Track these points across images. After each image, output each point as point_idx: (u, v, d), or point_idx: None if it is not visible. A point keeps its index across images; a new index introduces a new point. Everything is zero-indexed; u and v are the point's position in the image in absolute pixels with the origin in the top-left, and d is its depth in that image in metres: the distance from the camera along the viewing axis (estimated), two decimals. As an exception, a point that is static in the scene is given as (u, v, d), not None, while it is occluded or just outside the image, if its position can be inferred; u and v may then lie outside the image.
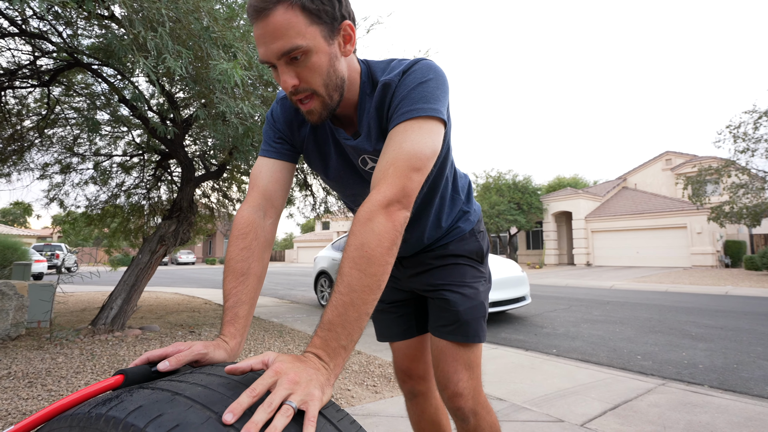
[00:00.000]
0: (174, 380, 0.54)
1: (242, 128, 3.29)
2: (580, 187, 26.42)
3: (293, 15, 0.68)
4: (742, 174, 14.36)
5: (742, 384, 3.03)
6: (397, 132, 0.74)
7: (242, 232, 0.80)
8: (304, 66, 0.72)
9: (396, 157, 0.70)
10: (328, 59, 0.73)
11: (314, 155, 0.95)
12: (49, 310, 4.49)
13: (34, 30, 3.85)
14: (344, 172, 0.95)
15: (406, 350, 1.19)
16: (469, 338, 1.02)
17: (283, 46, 0.69)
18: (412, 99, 0.75)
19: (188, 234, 5.01)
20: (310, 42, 0.70)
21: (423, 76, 0.77)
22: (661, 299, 8.24)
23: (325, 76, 0.74)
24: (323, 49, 0.72)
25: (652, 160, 24.65)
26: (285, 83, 0.72)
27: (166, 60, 2.32)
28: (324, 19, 0.71)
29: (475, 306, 1.03)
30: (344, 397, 2.55)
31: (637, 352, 4.03)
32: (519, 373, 3.11)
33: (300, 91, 0.74)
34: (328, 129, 0.91)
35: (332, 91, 0.76)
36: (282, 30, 0.68)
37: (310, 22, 0.69)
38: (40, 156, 5.83)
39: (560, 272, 16.45)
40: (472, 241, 1.11)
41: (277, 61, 0.71)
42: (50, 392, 2.49)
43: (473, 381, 1.01)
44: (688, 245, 18.54)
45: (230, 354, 0.70)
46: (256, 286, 0.78)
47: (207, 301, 7.62)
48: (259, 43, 0.71)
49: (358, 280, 0.60)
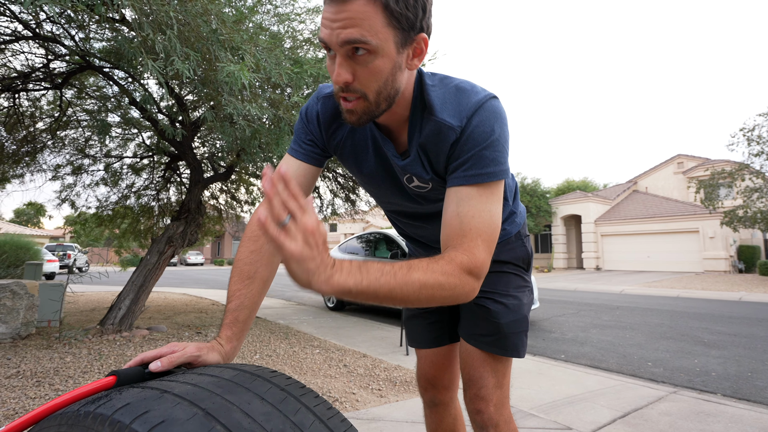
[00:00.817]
0: (165, 380, 0.54)
1: (250, 130, 3.30)
2: (589, 191, 26.15)
3: (373, 9, 0.63)
4: (756, 178, 14.10)
5: (756, 393, 2.95)
6: (473, 196, 0.73)
7: (255, 235, 0.78)
8: (364, 65, 0.67)
9: (480, 229, 0.71)
10: (391, 67, 0.69)
11: (349, 158, 0.91)
12: (59, 309, 4.55)
13: (48, 33, 3.91)
14: (381, 180, 0.92)
15: (434, 358, 1.16)
16: (507, 352, 0.99)
17: (350, 35, 0.63)
18: (485, 161, 0.73)
19: (196, 235, 5.04)
20: (381, 43, 0.65)
21: (492, 129, 0.74)
22: (673, 305, 8.09)
23: (381, 83, 0.69)
24: (390, 55, 0.67)
25: (664, 163, 24.32)
26: (338, 76, 0.67)
27: (175, 62, 2.34)
28: (402, 24, 0.66)
29: (519, 320, 1.00)
30: (349, 401, 2.53)
31: (647, 358, 3.95)
32: (526, 379, 3.07)
33: (350, 89, 0.69)
34: (369, 134, 0.86)
35: (382, 100, 0.72)
36: (356, 20, 0.63)
37: (388, 23, 0.65)
38: (52, 157, 5.92)
39: (569, 276, 16.28)
40: (519, 245, 1.08)
41: (338, 48, 0.65)
42: (57, 392, 2.51)
43: (499, 390, 0.98)
44: (700, 250, 18.22)
45: (224, 357, 0.70)
46: (261, 291, 0.77)
47: (214, 302, 7.67)
48: (326, 24, 0.66)
49: (406, 292, 0.61)
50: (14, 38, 3.93)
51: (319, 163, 0.89)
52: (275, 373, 0.59)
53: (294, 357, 3.61)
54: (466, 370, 1.01)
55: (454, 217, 0.72)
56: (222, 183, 6.69)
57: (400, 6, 0.64)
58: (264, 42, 3.25)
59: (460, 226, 0.71)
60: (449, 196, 0.75)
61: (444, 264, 0.65)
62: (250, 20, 3.41)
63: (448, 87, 0.79)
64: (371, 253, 6.75)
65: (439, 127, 0.77)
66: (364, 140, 0.88)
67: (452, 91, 0.78)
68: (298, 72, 3.40)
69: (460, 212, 0.72)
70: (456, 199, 0.74)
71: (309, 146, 0.88)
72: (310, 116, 0.89)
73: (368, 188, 0.99)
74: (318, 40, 0.73)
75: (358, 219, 6.96)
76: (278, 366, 3.31)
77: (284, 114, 3.39)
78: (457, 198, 0.74)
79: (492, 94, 0.77)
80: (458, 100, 0.77)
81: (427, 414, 1.21)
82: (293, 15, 4.16)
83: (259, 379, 0.55)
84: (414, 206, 0.95)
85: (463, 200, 0.73)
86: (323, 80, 4.07)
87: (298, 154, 0.88)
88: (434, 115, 0.77)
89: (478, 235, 0.70)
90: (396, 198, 0.95)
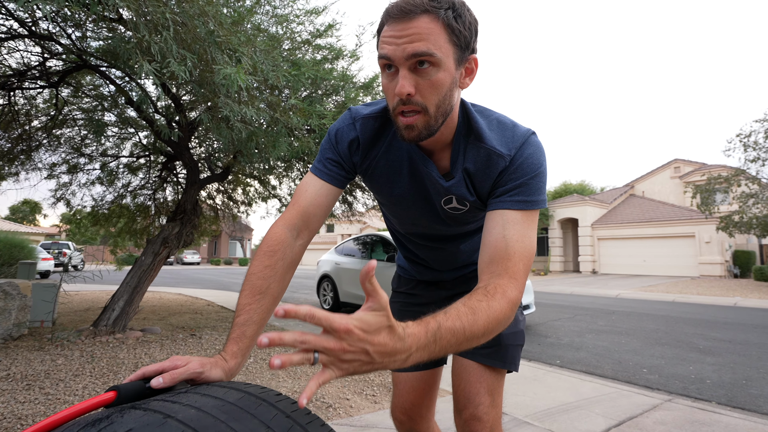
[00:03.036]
0: (168, 400, 0.53)
1: (246, 132, 3.28)
2: (586, 194, 26.21)
3: (437, 26, 0.69)
4: (752, 183, 14.17)
5: (751, 401, 2.95)
6: (518, 221, 0.78)
7: (271, 249, 0.79)
8: (427, 78, 0.71)
9: (523, 253, 0.75)
10: (450, 81, 0.73)
11: (381, 178, 0.92)
12: (52, 310, 4.51)
13: (44, 31, 3.88)
14: (412, 201, 0.94)
15: (415, 383, 1.14)
16: (505, 364, 1.00)
17: (418, 48, 0.68)
18: (530, 189, 0.79)
19: (192, 236, 5.01)
20: (444, 57, 0.70)
21: (539, 163, 0.81)
22: (668, 309, 8.11)
23: (441, 96, 0.73)
24: (450, 70, 0.72)
25: (661, 167, 24.41)
26: (402, 87, 0.70)
27: (170, 64, 2.32)
28: (461, 43, 0.72)
29: (516, 333, 1.03)
30: (343, 407, 2.51)
31: (643, 365, 3.95)
32: (521, 385, 3.06)
33: (412, 102, 0.72)
34: (406, 155, 0.88)
35: (440, 115, 0.75)
36: (424, 34, 0.68)
37: (449, 40, 0.70)
38: (47, 156, 5.88)
39: (565, 279, 16.30)
40: None
41: (403, 62, 0.69)
42: (47, 396, 2.48)
43: (494, 409, 0.97)
44: (696, 254, 18.29)
45: (228, 374, 0.69)
46: (270, 307, 0.77)
47: (210, 303, 7.63)
48: (390, 41, 0.70)
49: (473, 340, 0.63)
50: (10, 36, 3.90)
51: (342, 184, 0.91)
52: (280, 397, 0.58)
53: (288, 361, 3.59)
54: (462, 387, 0.99)
55: (500, 239, 0.76)
56: (219, 183, 6.66)
57: (460, 24, 0.71)
58: (262, 44, 3.23)
59: (505, 248, 0.75)
60: (494, 218, 0.79)
61: (500, 301, 0.67)
62: (248, 21, 3.39)
63: (491, 119, 0.85)
64: (367, 255, 6.74)
65: (489, 154, 0.82)
66: (399, 161, 0.89)
67: (495, 123, 0.85)
68: (295, 74, 3.38)
69: (507, 235, 0.76)
70: (502, 222, 0.78)
71: (335, 167, 0.89)
72: (340, 137, 0.89)
73: (394, 209, 1.00)
74: (378, 58, 0.75)
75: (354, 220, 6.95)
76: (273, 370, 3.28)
77: (281, 116, 3.37)
78: (503, 221, 0.78)
79: (532, 130, 0.84)
80: (503, 132, 0.83)
81: None
82: (292, 16, 4.14)
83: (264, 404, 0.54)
84: (440, 228, 0.99)
85: (509, 223, 0.77)
86: (321, 82, 4.05)
87: (323, 174, 0.89)
88: (484, 142, 0.82)
89: (521, 259, 0.74)
90: (424, 219, 0.98)
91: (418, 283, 1.21)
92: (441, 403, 2.41)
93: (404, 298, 1.23)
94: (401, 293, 1.25)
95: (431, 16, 0.69)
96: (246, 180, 6.79)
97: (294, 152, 3.78)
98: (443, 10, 0.69)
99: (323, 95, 4.31)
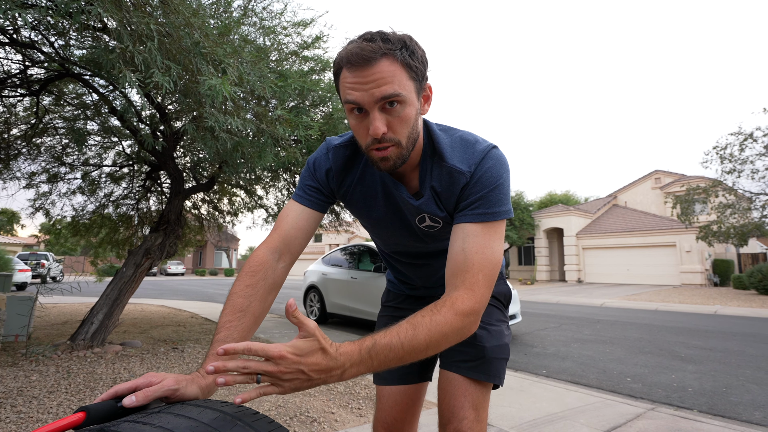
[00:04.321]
0: (139, 421, 0.50)
1: (232, 143, 3.26)
2: (571, 204, 26.65)
3: (397, 68, 0.74)
4: (729, 194, 14.61)
5: (731, 409, 3.01)
6: (478, 233, 0.80)
7: (252, 270, 0.82)
8: (396, 116, 0.76)
9: (483, 264, 0.77)
10: (415, 113, 0.79)
11: (359, 203, 0.98)
12: (27, 324, 4.36)
13: (26, 39, 3.82)
14: (390, 222, 0.98)
15: (399, 397, 1.13)
16: (490, 377, 1.00)
17: (386, 91, 0.73)
18: (490, 201, 0.82)
19: (175, 247, 4.93)
20: (408, 93, 0.75)
21: (498, 175, 0.83)
22: (651, 318, 8.24)
23: (410, 128, 0.78)
24: (414, 103, 0.78)
25: (642, 178, 25.01)
26: (377, 129, 0.75)
27: (155, 74, 2.30)
28: (418, 76, 0.78)
29: (501, 346, 1.04)
30: (327, 421, 2.47)
31: (627, 373, 4.00)
32: (507, 396, 3.06)
33: (386, 140, 0.77)
34: (379, 180, 0.93)
35: (410, 144, 0.80)
36: (388, 77, 0.73)
37: (409, 76, 0.76)
38: (27, 165, 5.74)
39: (551, 289, 16.46)
40: (501, 283, 1.15)
41: (373, 105, 0.74)
42: (19, 414, 2.38)
43: (479, 425, 0.97)
44: (677, 263, 18.70)
45: (204, 391, 0.67)
46: (251, 326, 0.78)
47: (193, 315, 7.48)
48: (357, 87, 0.74)
49: (415, 354, 0.66)
50: (-10, 44, 3.82)
51: (322, 209, 0.95)
52: (257, 416, 0.56)
53: (273, 374, 3.53)
54: (446, 401, 0.99)
55: (459, 252, 0.79)
56: (204, 193, 6.59)
57: (415, 60, 0.76)
58: (248, 55, 3.24)
59: (464, 260, 0.77)
60: (456, 232, 0.82)
61: (446, 314, 0.70)
62: (235, 32, 3.39)
63: (454, 137, 0.89)
64: (354, 265, 6.70)
65: (450, 172, 0.86)
66: (374, 186, 0.94)
67: (458, 140, 0.88)
68: (282, 85, 3.39)
69: (465, 248, 0.79)
70: (462, 236, 0.80)
71: (314, 193, 0.94)
72: (318, 166, 0.95)
73: (375, 231, 1.05)
74: (345, 103, 0.80)
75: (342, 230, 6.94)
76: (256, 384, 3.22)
77: (267, 127, 3.37)
78: (463, 234, 0.80)
79: (493, 144, 0.88)
80: (464, 149, 0.87)
81: None
82: (279, 28, 4.16)
83: (239, 424, 0.52)
84: (420, 246, 1.02)
85: (469, 236, 0.80)
86: (307, 93, 4.07)
87: (303, 200, 0.93)
88: (445, 161, 0.86)
89: (480, 270, 0.76)
90: (404, 239, 1.02)
91: (407, 298, 1.23)
92: (426, 416, 2.39)
93: (392, 312, 1.24)
94: (389, 307, 1.26)
95: (390, 58, 0.73)
96: (232, 190, 6.72)
97: (280, 163, 3.77)
98: (399, 51, 0.74)
99: (310, 106, 4.32)
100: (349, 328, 6.45)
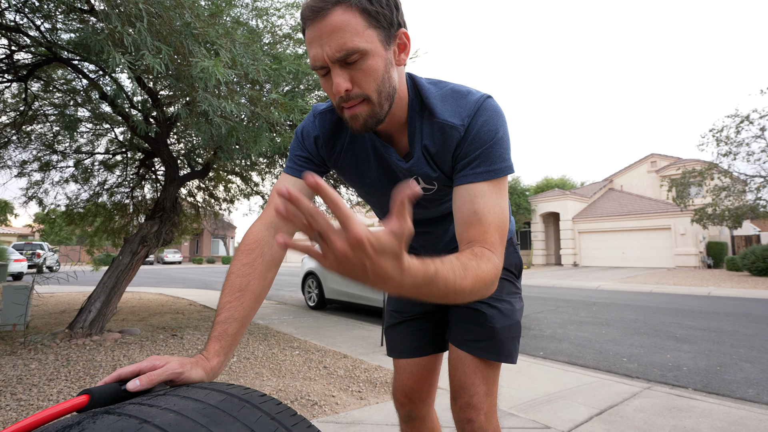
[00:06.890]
0: (144, 404, 0.49)
1: (226, 128, 3.21)
2: (567, 188, 26.70)
3: (352, 16, 0.66)
4: (725, 177, 14.67)
5: (725, 387, 3.06)
6: (486, 192, 0.75)
7: (248, 248, 0.79)
8: (359, 69, 0.69)
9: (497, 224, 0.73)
10: (384, 64, 0.71)
11: (350, 169, 0.93)
12: (24, 313, 4.34)
13: (10, 23, 3.71)
14: (384, 188, 0.93)
15: (415, 369, 1.12)
16: (501, 357, 0.98)
17: (340, 47, 0.67)
18: (492, 158, 0.76)
19: (171, 234, 4.90)
20: (368, 44, 0.68)
21: (496, 129, 0.77)
22: (646, 300, 8.34)
23: (379, 81, 0.71)
24: (380, 53, 0.70)
25: (638, 162, 25.03)
26: (338, 86, 0.69)
27: (145, 56, 2.24)
28: (382, 23, 0.70)
29: (512, 325, 1.01)
30: (328, 404, 2.49)
31: (622, 354, 4.05)
32: (506, 377, 3.09)
33: (352, 96, 0.71)
34: (369, 144, 0.88)
35: (384, 100, 0.74)
36: (340, 31, 0.66)
37: (369, 24, 0.68)
38: (17, 153, 5.65)
39: (548, 272, 16.60)
40: (511, 251, 1.09)
41: (331, 63, 0.68)
42: (19, 402, 2.38)
43: (489, 398, 0.97)
44: (672, 246, 18.87)
45: (209, 373, 0.66)
46: (252, 305, 0.75)
47: (192, 302, 7.49)
48: (313, 44, 0.68)
49: (456, 291, 0.59)
50: (-27, 27, 3.71)
51: None
52: (265, 398, 0.55)
53: (273, 359, 3.55)
54: (457, 377, 0.98)
55: (472, 214, 0.74)
56: (199, 180, 6.52)
57: (376, 5, 0.68)
58: (241, 37, 3.16)
59: (479, 222, 0.73)
60: (461, 194, 0.77)
61: (487, 263, 0.65)
62: (226, 14, 3.30)
63: (444, 90, 0.82)
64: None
65: (443, 128, 0.80)
66: (365, 150, 0.89)
67: (449, 93, 0.81)
68: (276, 68, 3.32)
69: (477, 209, 0.74)
70: (470, 197, 0.76)
71: (305, 163, 0.90)
72: (306, 135, 0.91)
73: (370, 198, 1.00)
74: (312, 67, 0.75)
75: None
76: (257, 368, 3.24)
77: (262, 111, 3.31)
78: (470, 195, 0.76)
79: (487, 94, 0.81)
80: (456, 102, 0.80)
81: (404, 429, 1.18)
82: (272, 10, 4.06)
83: (247, 406, 0.51)
84: (421, 211, 0.97)
85: (477, 197, 0.75)
86: (302, 77, 3.99)
87: (294, 171, 0.90)
88: (436, 116, 0.80)
89: (496, 230, 0.73)
90: None
91: None
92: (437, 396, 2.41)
93: None
94: None
95: (343, 6, 0.66)
96: (227, 176, 6.66)
97: (276, 148, 3.71)
98: None
99: (305, 90, 4.25)
100: (348, 314, 6.49)
